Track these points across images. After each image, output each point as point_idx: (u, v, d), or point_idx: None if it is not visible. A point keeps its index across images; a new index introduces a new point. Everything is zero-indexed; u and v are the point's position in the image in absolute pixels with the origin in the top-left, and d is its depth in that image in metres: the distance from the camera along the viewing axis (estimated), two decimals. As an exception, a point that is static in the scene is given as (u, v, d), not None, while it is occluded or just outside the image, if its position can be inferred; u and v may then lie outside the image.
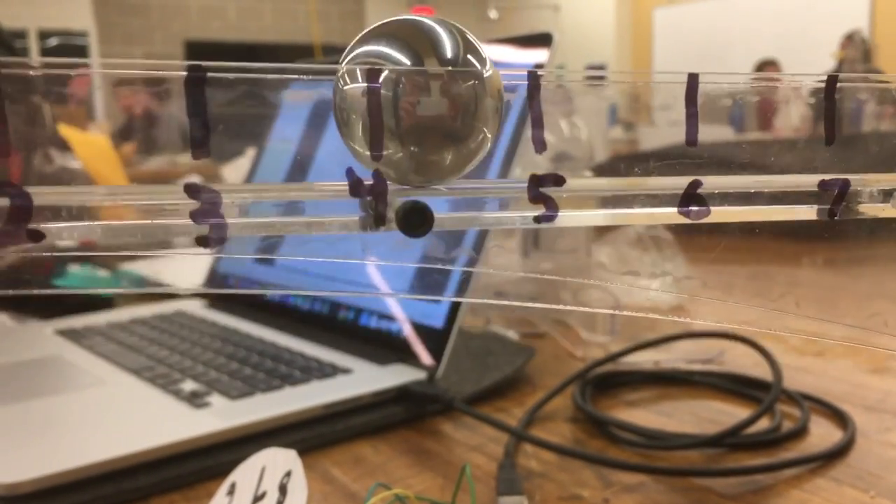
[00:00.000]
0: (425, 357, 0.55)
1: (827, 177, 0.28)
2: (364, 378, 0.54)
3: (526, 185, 0.25)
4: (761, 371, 0.54)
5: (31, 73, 0.21)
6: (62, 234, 0.21)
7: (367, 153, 0.24)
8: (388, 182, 0.24)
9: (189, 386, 0.52)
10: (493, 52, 0.65)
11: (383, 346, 0.58)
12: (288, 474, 0.32)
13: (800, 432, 0.49)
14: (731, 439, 0.47)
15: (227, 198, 0.22)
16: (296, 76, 0.24)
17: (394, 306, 0.59)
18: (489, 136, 0.25)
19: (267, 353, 0.60)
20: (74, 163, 1.29)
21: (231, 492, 0.34)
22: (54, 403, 0.51)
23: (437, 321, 0.56)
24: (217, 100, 0.22)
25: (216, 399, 0.50)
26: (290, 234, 0.24)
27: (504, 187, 0.27)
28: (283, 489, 0.31)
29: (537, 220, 0.25)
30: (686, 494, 0.42)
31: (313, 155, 0.71)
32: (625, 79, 0.32)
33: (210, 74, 0.21)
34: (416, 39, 0.24)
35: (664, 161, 0.28)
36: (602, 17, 7.60)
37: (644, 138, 4.34)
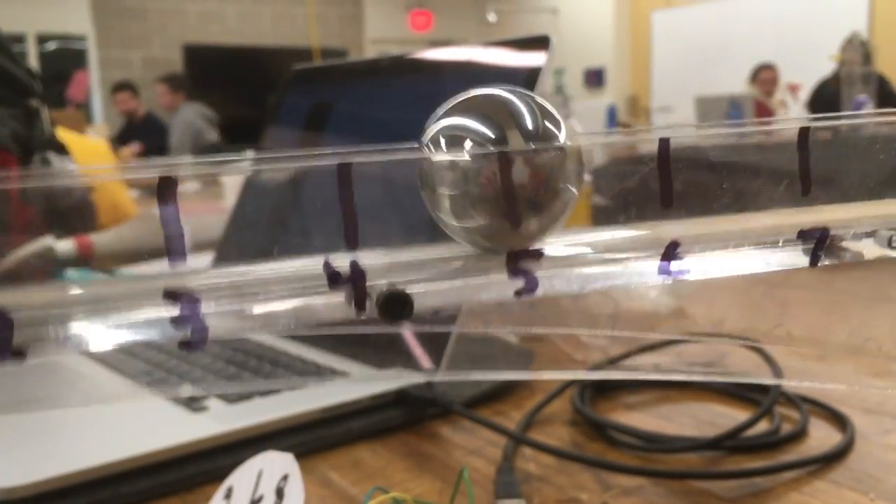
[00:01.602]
0: (424, 360, 0.55)
1: (806, 225, 0.28)
2: (362, 381, 0.54)
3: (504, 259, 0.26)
4: (761, 374, 0.54)
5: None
6: (46, 350, 0.21)
7: (455, 223, 0.25)
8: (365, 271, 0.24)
9: (187, 389, 0.52)
10: (491, 55, 0.66)
11: (381, 348, 0.58)
12: (285, 478, 0.32)
13: (799, 435, 0.49)
14: (730, 442, 0.47)
15: (207, 302, 0.22)
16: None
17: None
18: (574, 197, 0.26)
19: (265, 356, 0.59)
20: (72, 167, 1.29)
21: (228, 496, 0.34)
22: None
23: (437, 326, 0.56)
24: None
25: (214, 403, 0.50)
26: (277, 329, 0.24)
27: (482, 265, 0.26)
28: (280, 493, 0.31)
29: (518, 293, 0.26)
30: (685, 497, 0.42)
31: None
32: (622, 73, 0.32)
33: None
34: (497, 112, 0.25)
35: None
36: (600, 20, 7.62)
37: (643, 141, 4.33)
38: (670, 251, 0.26)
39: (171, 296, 0.22)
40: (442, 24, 8.09)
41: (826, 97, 4.18)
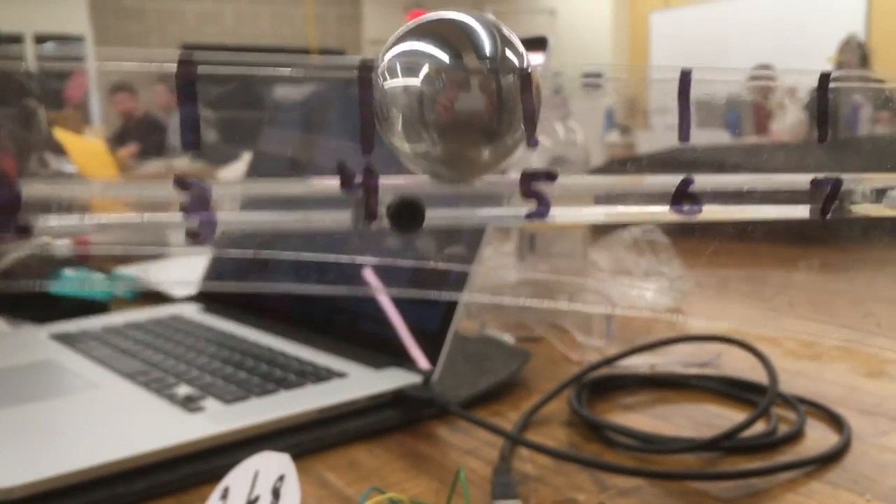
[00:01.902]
0: (421, 361, 0.55)
1: (820, 175, 0.28)
2: (359, 382, 0.54)
3: (518, 181, 0.25)
4: (757, 375, 0.54)
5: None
6: (51, 228, 0.21)
7: (407, 148, 0.24)
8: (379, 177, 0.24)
9: (183, 390, 0.52)
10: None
11: (379, 349, 0.58)
12: (281, 478, 0.32)
13: (796, 436, 0.49)
14: (726, 443, 0.47)
15: (218, 191, 0.22)
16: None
17: (389, 310, 0.59)
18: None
19: (262, 357, 0.59)
20: (69, 167, 1.29)
21: (224, 496, 0.34)
22: (48, 408, 0.51)
23: (433, 325, 0.56)
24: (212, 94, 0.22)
25: (210, 403, 0.50)
26: (281, 229, 0.24)
27: (497, 184, 0.26)
28: (276, 493, 0.31)
29: (529, 216, 0.25)
30: (682, 498, 0.42)
31: (309, 157, 0.71)
32: (620, 74, 0.32)
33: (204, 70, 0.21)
34: (454, 36, 0.24)
35: (660, 164, 0.28)
36: (598, 21, 7.62)
37: (640, 142, 4.34)
38: (683, 187, 0.26)
39: (182, 184, 0.22)
40: (440, 25, 8.06)
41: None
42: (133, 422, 0.49)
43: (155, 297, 0.85)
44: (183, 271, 0.87)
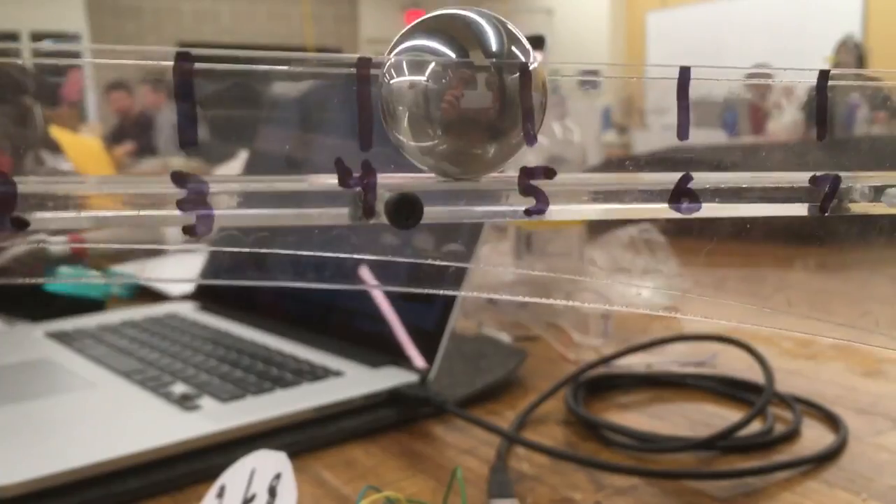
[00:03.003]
0: (417, 360, 0.55)
1: (819, 173, 0.28)
2: (356, 381, 0.54)
3: (517, 178, 0.25)
4: (754, 374, 0.54)
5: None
6: (47, 224, 0.21)
7: (413, 144, 0.24)
8: (377, 173, 0.24)
9: (179, 389, 0.52)
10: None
11: (375, 348, 0.58)
12: (277, 476, 0.32)
13: (792, 435, 0.49)
14: (723, 442, 0.47)
15: (215, 188, 0.22)
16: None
17: (386, 309, 0.59)
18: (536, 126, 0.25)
19: (258, 355, 0.59)
20: (66, 165, 1.29)
21: (220, 494, 0.34)
22: (44, 406, 0.51)
23: (430, 324, 0.56)
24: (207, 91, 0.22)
25: (207, 402, 0.50)
26: (279, 225, 0.24)
27: (495, 180, 0.26)
28: (272, 492, 0.31)
29: (528, 212, 0.25)
30: (678, 497, 0.42)
31: (306, 155, 0.71)
32: (617, 73, 0.32)
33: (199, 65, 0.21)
34: (460, 32, 0.24)
35: (658, 163, 0.28)
36: (595, 20, 7.62)
37: (637, 142, 4.34)
38: (682, 184, 0.26)
39: (179, 179, 0.22)
40: (437, 24, 8.07)
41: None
42: (129, 420, 0.49)
43: (151, 295, 0.84)
44: (179, 269, 0.86)
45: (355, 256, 0.37)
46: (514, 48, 0.24)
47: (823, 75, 0.27)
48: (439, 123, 0.24)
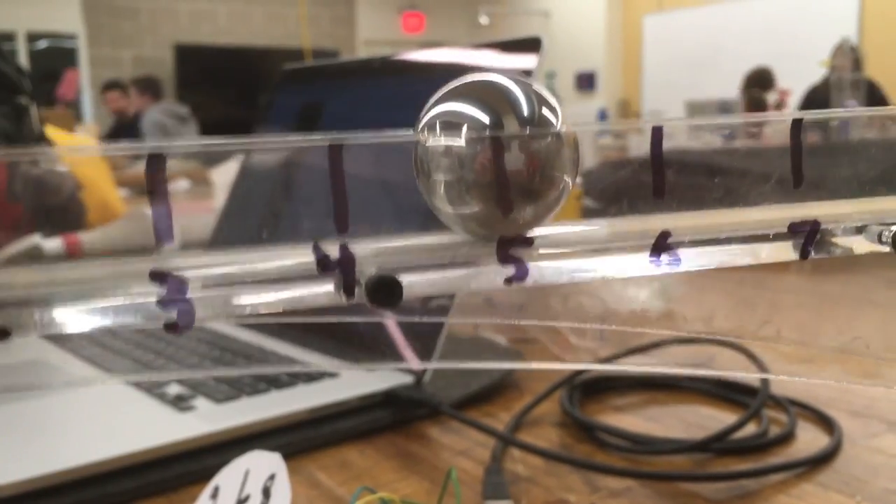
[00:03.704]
0: (413, 361, 0.55)
1: (796, 218, 0.28)
2: (351, 382, 0.54)
3: (495, 247, 0.25)
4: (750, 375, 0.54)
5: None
6: (30, 329, 0.21)
7: (450, 210, 0.25)
8: (355, 254, 0.24)
9: (174, 389, 0.52)
10: (482, 57, 0.66)
11: (371, 349, 0.58)
12: (272, 477, 0.32)
13: (787, 437, 0.49)
14: (718, 444, 0.47)
15: (195, 281, 0.22)
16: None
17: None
18: (568, 186, 0.25)
19: (253, 356, 0.59)
20: (61, 165, 1.28)
21: (214, 495, 0.33)
22: (38, 406, 0.51)
23: (425, 325, 0.56)
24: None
25: (201, 402, 0.50)
26: (265, 313, 0.24)
27: (474, 249, 0.26)
28: (266, 492, 0.31)
29: (508, 280, 0.26)
30: (673, 499, 0.42)
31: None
32: (613, 76, 0.32)
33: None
34: (493, 98, 0.25)
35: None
36: (592, 23, 7.64)
37: (633, 145, 4.35)
38: (661, 241, 0.26)
39: (158, 277, 0.22)
40: (434, 26, 8.10)
41: (816, 103, 4.20)
42: (123, 420, 0.49)
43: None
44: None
45: (344, 320, 0.37)
46: (544, 110, 0.25)
47: (796, 125, 0.27)
48: (475, 188, 0.24)
